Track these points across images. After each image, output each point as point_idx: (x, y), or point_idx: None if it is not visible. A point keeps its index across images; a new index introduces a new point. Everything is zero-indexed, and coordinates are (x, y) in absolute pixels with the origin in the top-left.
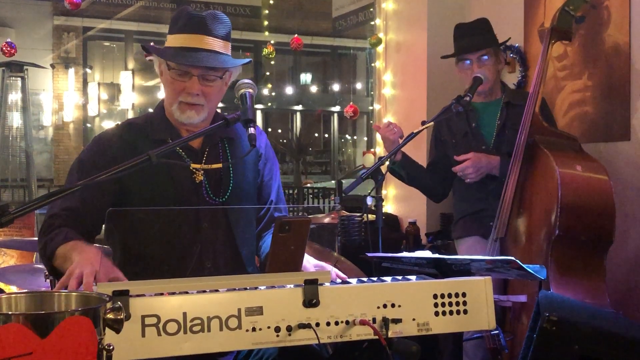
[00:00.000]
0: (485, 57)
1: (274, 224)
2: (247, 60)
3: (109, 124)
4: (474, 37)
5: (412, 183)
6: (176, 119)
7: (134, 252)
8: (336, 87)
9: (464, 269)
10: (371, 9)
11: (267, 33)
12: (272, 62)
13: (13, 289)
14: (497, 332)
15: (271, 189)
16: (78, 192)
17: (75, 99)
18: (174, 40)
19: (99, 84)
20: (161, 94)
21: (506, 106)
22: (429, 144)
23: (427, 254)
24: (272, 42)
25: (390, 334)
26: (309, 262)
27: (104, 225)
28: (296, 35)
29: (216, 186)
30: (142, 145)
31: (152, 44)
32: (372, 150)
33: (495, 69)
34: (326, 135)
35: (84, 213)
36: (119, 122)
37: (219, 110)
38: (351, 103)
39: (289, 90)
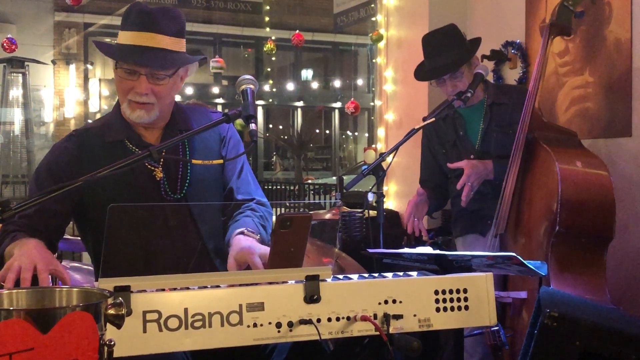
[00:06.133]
0: (459, 74)
1: (275, 220)
2: (200, 57)
3: None
4: (445, 55)
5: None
6: (127, 117)
7: (131, 247)
8: (337, 83)
9: (465, 265)
10: (372, 5)
11: (268, 29)
12: (273, 58)
13: None
14: (497, 328)
15: (233, 171)
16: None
17: (76, 95)
18: (123, 37)
19: (100, 80)
20: None
21: (490, 108)
22: (421, 154)
23: (428, 250)
24: (273, 38)
25: (391, 330)
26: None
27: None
28: (297, 31)
29: (174, 183)
30: (96, 150)
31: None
32: (373, 146)
33: (470, 75)
34: (327, 132)
35: (38, 220)
36: (76, 129)
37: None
38: (352, 99)
39: (290, 86)
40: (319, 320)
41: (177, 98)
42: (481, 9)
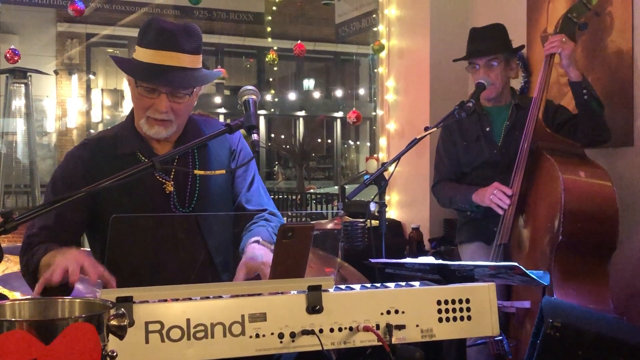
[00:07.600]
0: (494, 63)
1: (277, 230)
2: (217, 73)
3: None
4: (484, 42)
5: None
6: (144, 132)
7: (134, 258)
8: (339, 92)
9: (468, 275)
10: (374, 16)
11: (270, 39)
12: (275, 68)
13: (17, 295)
14: (500, 338)
15: (243, 183)
16: (53, 209)
17: (78, 105)
18: (142, 54)
19: (102, 90)
20: None
21: (516, 108)
22: (436, 152)
23: (430, 259)
24: (275, 48)
25: (393, 340)
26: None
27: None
28: (299, 41)
29: (183, 197)
30: (108, 161)
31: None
32: (375, 155)
33: (504, 75)
34: (329, 141)
35: (60, 230)
36: (88, 138)
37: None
38: (354, 109)
39: (292, 96)
40: (321, 331)
41: None
42: (482, 18)
